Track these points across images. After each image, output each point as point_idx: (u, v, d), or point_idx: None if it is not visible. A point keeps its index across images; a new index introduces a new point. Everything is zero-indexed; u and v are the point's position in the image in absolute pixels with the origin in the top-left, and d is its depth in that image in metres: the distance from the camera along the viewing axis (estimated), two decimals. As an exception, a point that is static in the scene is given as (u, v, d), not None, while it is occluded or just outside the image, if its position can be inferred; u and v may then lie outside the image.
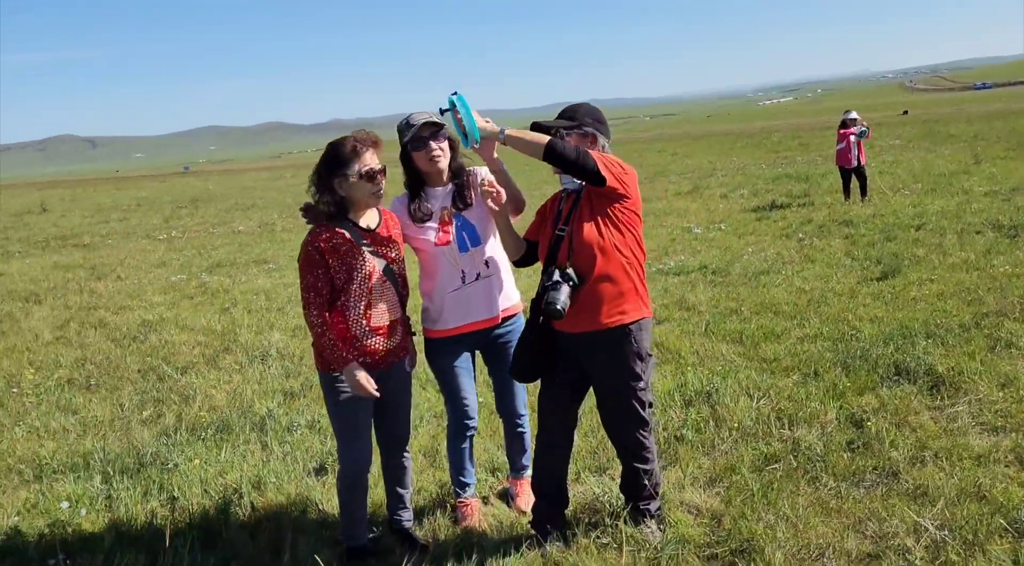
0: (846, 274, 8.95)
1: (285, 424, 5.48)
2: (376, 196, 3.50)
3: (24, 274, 14.04)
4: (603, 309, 3.43)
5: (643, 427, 3.61)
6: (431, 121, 3.63)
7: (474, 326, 3.85)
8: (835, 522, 3.69)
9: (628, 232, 3.49)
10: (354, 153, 3.40)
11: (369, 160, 3.43)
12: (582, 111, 3.62)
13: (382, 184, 3.49)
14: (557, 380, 3.68)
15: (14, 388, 6.88)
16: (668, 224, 14.52)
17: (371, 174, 3.43)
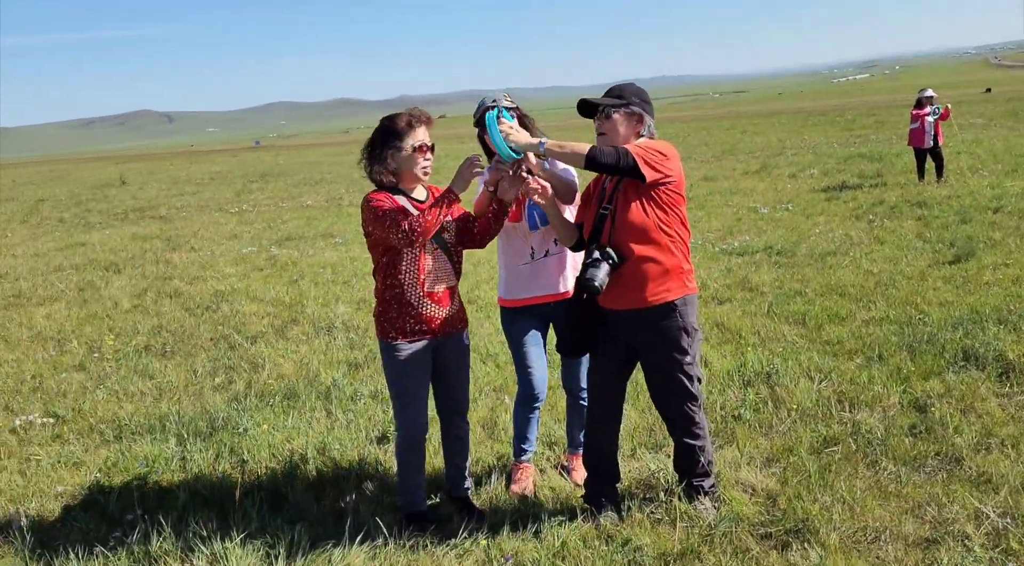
0: (917, 257, 8.73)
1: (349, 393, 5.65)
2: (424, 171, 3.63)
3: (104, 244, 14.60)
4: (648, 287, 3.47)
5: (692, 401, 3.64)
6: (505, 106, 3.72)
7: (541, 299, 3.97)
8: (893, 506, 3.67)
9: (671, 211, 3.51)
10: (408, 127, 3.54)
11: (422, 136, 3.57)
12: (629, 90, 3.63)
13: (431, 160, 3.63)
14: (604, 357, 3.73)
15: (95, 353, 7.21)
16: (734, 204, 14.31)
17: (423, 149, 3.56)
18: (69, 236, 16.38)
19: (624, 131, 3.58)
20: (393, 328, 3.64)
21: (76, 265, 12.35)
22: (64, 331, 8.09)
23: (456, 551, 3.54)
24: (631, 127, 3.59)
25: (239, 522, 3.82)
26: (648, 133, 3.64)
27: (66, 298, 9.82)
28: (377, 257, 3.67)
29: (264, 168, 39.94)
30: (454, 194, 3.51)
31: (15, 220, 20.66)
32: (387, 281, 3.64)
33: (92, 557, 3.63)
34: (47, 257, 13.47)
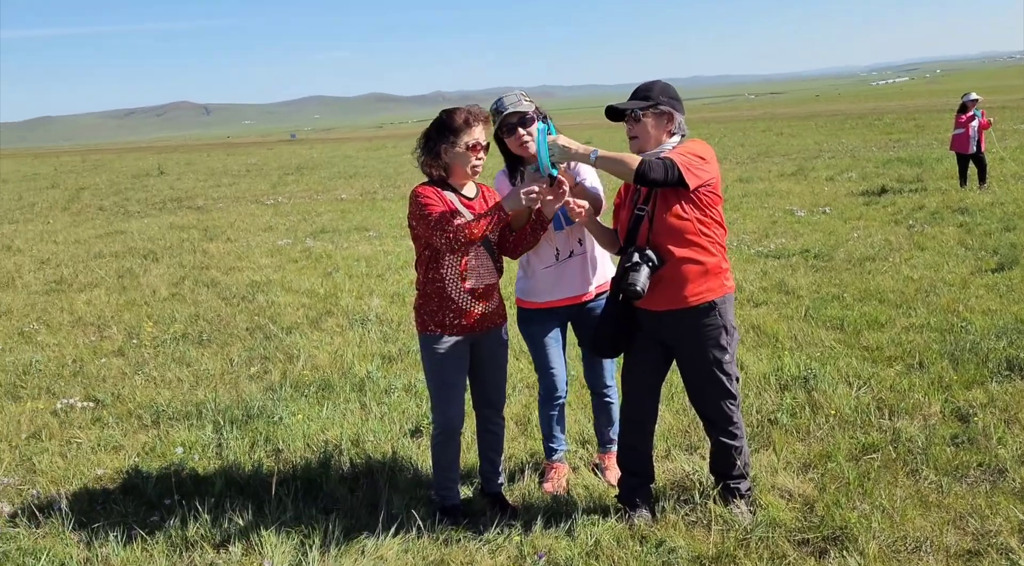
0: (959, 264, 8.58)
1: (383, 386, 5.67)
2: (475, 170, 3.63)
3: (143, 233, 14.82)
4: (688, 287, 3.47)
5: (730, 400, 3.63)
6: (518, 110, 3.70)
7: (565, 302, 3.94)
8: (934, 516, 3.60)
9: (709, 211, 3.50)
10: (466, 125, 3.52)
11: (477, 134, 3.56)
12: (657, 89, 3.59)
13: (483, 159, 3.62)
14: (640, 356, 3.72)
15: (134, 339, 7.32)
16: (769, 206, 14.17)
17: (476, 148, 3.54)
18: (109, 224, 16.64)
19: (655, 132, 3.56)
20: (433, 321, 3.65)
21: (115, 253, 12.55)
22: (104, 317, 8.22)
23: (489, 547, 3.54)
24: (662, 127, 3.57)
25: (274, 510, 3.85)
26: (679, 131, 3.61)
27: (106, 285, 9.98)
28: (420, 250, 3.69)
29: (299, 161, 40.29)
30: (504, 212, 3.48)
31: (57, 207, 21.03)
32: (429, 274, 3.65)
33: (131, 540, 3.68)
34: (88, 244, 13.70)
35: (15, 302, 9.09)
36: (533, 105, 3.77)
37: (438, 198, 3.56)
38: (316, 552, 3.48)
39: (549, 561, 3.40)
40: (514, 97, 3.75)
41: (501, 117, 3.72)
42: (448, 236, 3.43)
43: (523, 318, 4.04)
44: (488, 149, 3.64)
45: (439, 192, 3.59)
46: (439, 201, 3.55)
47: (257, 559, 3.48)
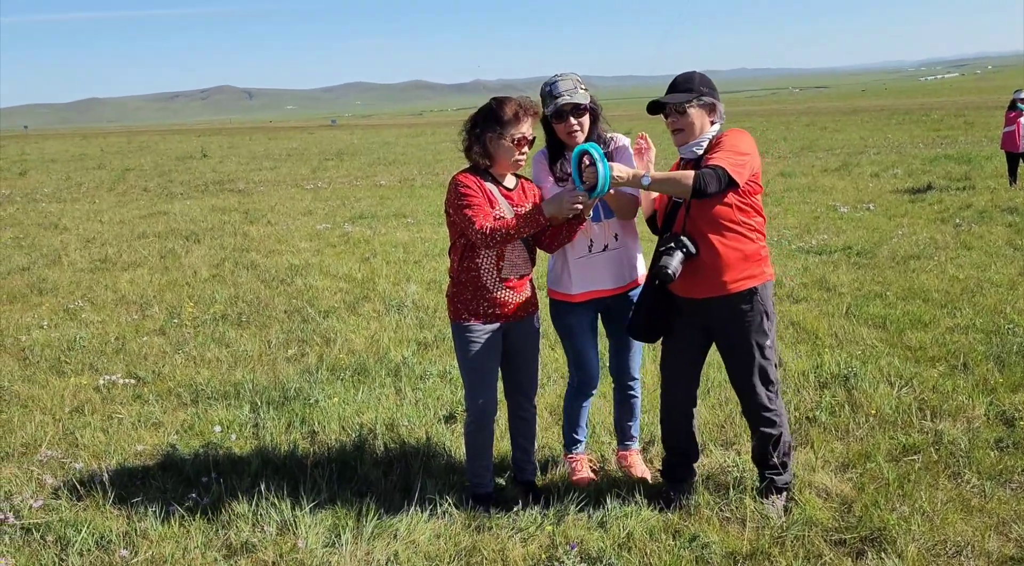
0: (1006, 264, 8.39)
1: (418, 372, 5.70)
2: (518, 164, 3.61)
3: (185, 214, 15.03)
4: (728, 274, 3.49)
5: (770, 386, 3.65)
6: (574, 102, 3.65)
7: (596, 294, 3.90)
8: (976, 521, 3.53)
9: (749, 198, 3.52)
10: (516, 118, 3.50)
11: (525, 128, 3.54)
12: (696, 80, 3.60)
13: (527, 153, 3.60)
14: (680, 343, 3.75)
15: (175, 318, 7.43)
16: (812, 201, 13.97)
17: (522, 142, 3.53)
18: (152, 205, 16.91)
19: (700, 123, 3.57)
20: (467, 310, 3.65)
21: (158, 233, 12.75)
22: (146, 296, 8.36)
23: (521, 535, 3.54)
24: (706, 118, 3.59)
25: (309, 491, 3.89)
26: (720, 119, 3.64)
27: (149, 264, 10.15)
28: (455, 237, 3.68)
29: (339, 146, 40.57)
30: (544, 217, 3.46)
31: (103, 188, 21.42)
32: (463, 263, 3.64)
33: (169, 516, 3.74)
34: (132, 224, 13.94)
35: (61, 279, 9.28)
36: (588, 94, 3.72)
37: (479, 188, 3.55)
38: (349, 534, 3.50)
39: (581, 552, 3.39)
40: (570, 83, 3.68)
41: (555, 102, 3.66)
42: (484, 232, 3.43)
43: (556, 311, 4.00)
44: (533, 143, 3.61)
45: (480, 182, 3.57)
46: (479, 191, 3.54)
47: (291, 539, 3.51)
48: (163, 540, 3.54)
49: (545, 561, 3.36)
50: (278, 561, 3.38)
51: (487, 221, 3.46)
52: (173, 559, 3.39)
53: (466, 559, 3.40)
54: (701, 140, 3.57)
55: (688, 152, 3.60)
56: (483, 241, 3.46)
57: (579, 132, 3.72)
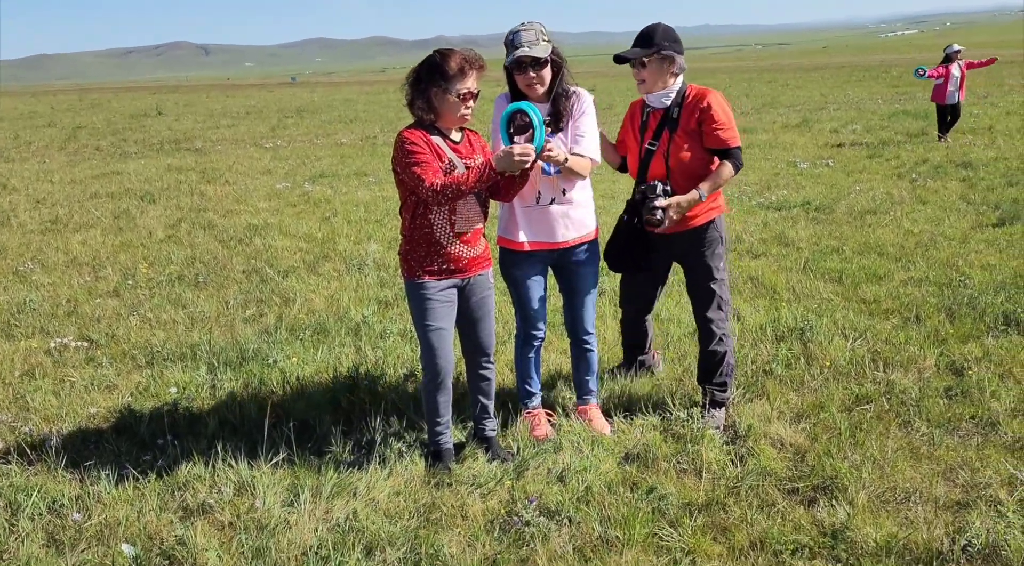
0: (960, 218, 8.53)
1: (379, 331, 5.66)
2: (463, 119, 3.55)
3: (140, 174, 14.69)
4: (697, 211, 3.98)
5: (723, 306, 4.17)
6: (532, 55, 3.61)
7: (544, 246, 3.89)
8: (924, 468, 3.62)
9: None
10: (461, 73, 3.43)
11: (471, 83, 3.47)
12: (659, 33, 3.87)
13: (472, 109, 3.55)
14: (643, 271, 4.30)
15: (129, 280, 7.29)
16: (773, 157, 14.05)
17: (468, 97, 3.47)
18: (105, 164, 16.48)
19: (660, 75, 3.92)
20: (420, 267, 3.61)
21: (112, 193, 12.45)
22: (99, 258, 8.18)
23: (481, 491, 3.56)
24: (665, 70, 3.92)
25: (267, 452, 3.86)
26: (680, 70, 3.97)
27: (102, 225, 9.92)
28: (405, 195, 3.62)
29: (299, 104, 39.83)
30: (494, 172, 3.42)
31: (53, 146, 20.82)
32: (416, 220, 3.59)
33: (123, 479, 3.69)
34: (84, 184, 13.59)
35: (10, 241, 9.04)
36: (551, 46, 3.67)
37: (425, 144, 3.48)
38: (308, 493, 3.48)
39: (540, 506, 3.42)
40: (532, 34, 3.64)
41: (514, 53, 3.63)
42: (433, 188, 3.39)
43: (505, 261, 4.00)
44: (478, 97, 3.55)
45: (427, 136, 3.51)
46: (426, 147, 3.47)
47: (249, 499, 3.49)
48: (117, 503, 3.50)
49: (504, 516, 3.38)
50: (236, 522, 3.36)
51: (437, 178, 3.41)
52: (128, 522, 3.35)
53: (426, 515, 3.41)
54: (669, 91, 3.96)
55: (656, 101, 3.99)
56: (434, 198, 3.41)
57: (538, 85, 3.68)
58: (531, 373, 4.17)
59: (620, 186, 11.74)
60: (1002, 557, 2.96)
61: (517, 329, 4.16)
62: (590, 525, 3.28)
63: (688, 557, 3.06)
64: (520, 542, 3.20)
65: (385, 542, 3.18)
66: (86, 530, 3.32)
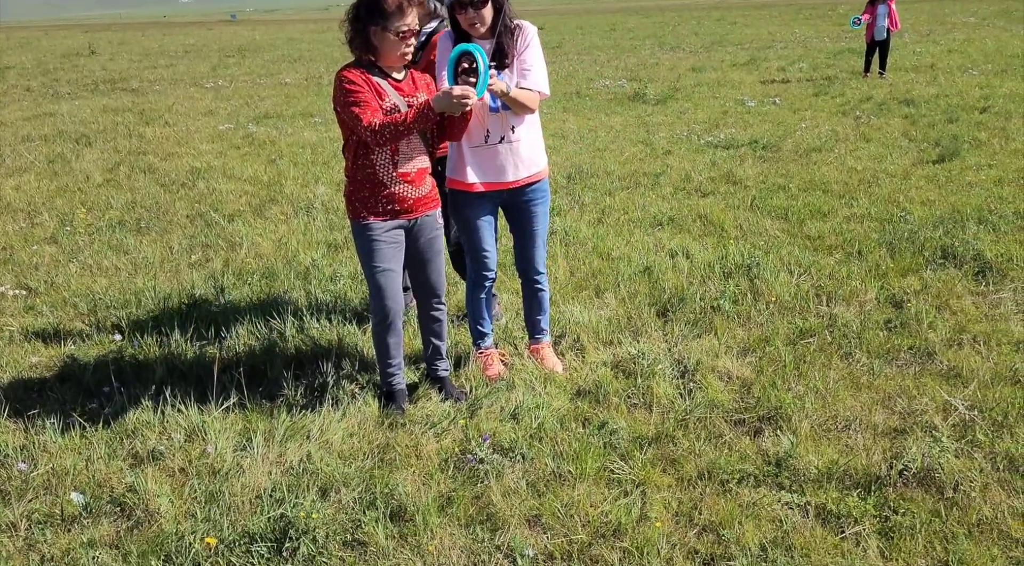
0: (901, 155, 8.69)
1: (328, 274, 5.60)
2: (404, 57, 3.48)
3: (74, 116, 14.14)
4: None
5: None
6: None
7: (492, 186, 3.86)
8: (864, 397, 3.74)
9: None
10: (399, 11, 3.35)
11: (411, 20, 3.40)
12: None
13: (412, 47, 3.48)
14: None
15: (67, 226, 7.07)
16: (721, 96, 14.08)
17: (407, 35, 3.40)
18: (37, 106, 15.82)
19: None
20: (365, 208, 3.56)
21: (45, 136, 11.97)
22: (35, 203, 7.90)
23: (435, 431, 3.58)
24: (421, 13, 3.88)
25: (217, 397, 3.82)
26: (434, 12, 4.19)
27: (36, 170, 9.56)
28: (347, 135, 3.55)
29: (241, 43, 38.58)
30: (433, 113, 3.36)
31: (-21, 88, 19.90)
32: (358, 161, 3.53)
33: (69, 427, 3.63)
34: (14, 126, 13.04)
35: (-61, 187, 8.68)
36: None
37: (365, 83, 3.41)
38: (260, 438, 3.48)
39: (494, 444, 3.46)
40: None
41: None
42: (373, 129, 3.33)
43: (454, 201, 3.97)
44: (418, 35, 3.47)
45: (367, 76, 3.43)
46: (365, 86, 3.40)
47: (200, 445, 3.47)
48: (64, 452, 3.45)
49: (459, 454, 3.42)
50: (187, 467, 3.34)
51: (375, 117, 3.35)
52: (76, 470, 3.31)
53: (380, 456, 3.43)
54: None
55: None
56: (373, 138, 3.36)
57: (479, 24, 3.61)
58: (483, 314, 4.18)
59: (569, 125, 11.68)
60: (936, 479, 3.09)
61: (468, 270, 4.14)
62: (543, 461, 3.33)
63: (638, 488, 3.14)
64: (475, 479, 3.24)
65: (340, 483, 3.19)
66: (33, 479, 3.27)
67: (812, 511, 2.98)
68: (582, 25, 43.03)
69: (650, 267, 5.47)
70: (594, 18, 52.40)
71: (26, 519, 3.04)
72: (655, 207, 7.11)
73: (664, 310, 4.82)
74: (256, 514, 3.01)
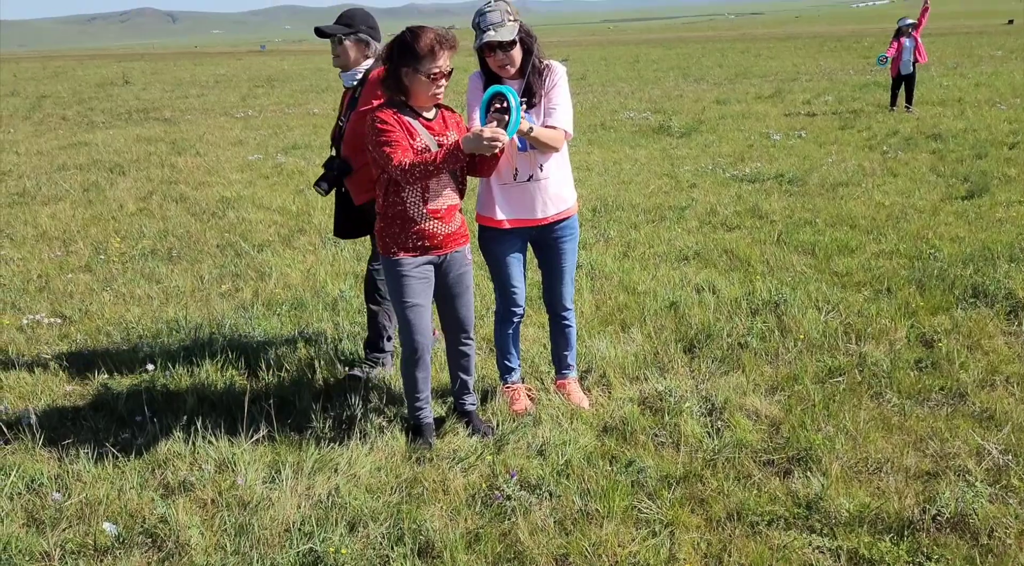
0: (930, 190, 8.64)
1: (356, 306, 5.65)
2: (435, 98, 3.55)
3: (108, 145, 14.42)
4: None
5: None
6: (500, 40, 3.57)
7: (521, 223, 3.90)
8: (896, 438, 3.70)
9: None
10: (432, 54, 3.41)
11: (443, 63, 3.45)
12: (358, 18, 4.30)
13: (444, 88, 3.54)
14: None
15: (101, 255, 7.20)
16: (746, 129, 14.09)
17: (439, 76, 3.46)
18: (72, 135, 16.16)
19: (355, 55, 4.31)
20: (395, 243, 3.61)
21: (80, 165, 12.23)
22: (69, 232, 8.06)
23: (462, 466, 3.59)
24: (360, 51, 4.32)
25: (247, 428, 3.86)
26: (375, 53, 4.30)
27: (71, 198, 9.76)
28: (378, 173, 3.61)
29: (270, 73, 39.21)
30: (463, 153, 3.40)
31: (18, 116, 20.36)
32: (389, 197, 3.58)
33: (102, 456, 3.68)
34: (51, 156, 13.33)
35: (-24, 215, 8.87)
36: (517, 24, 3.63)
37: (396, 123, 3.47)
38: (289, 470, 3.50)
39: (521, 480, 3.46)
40: (497, 15, 3.58)
41: (481, 38, 3.59)
42: (404, 169, 3.39)
43: (483, 236, 4.00)
44: (451, 75, 3.53)
45: (398, 116, 3.49)
46: (397, 126, 3.46)
47: (230, 476, 3.50)
48: (97, 481, 3.49)
49: (486, 490, 3.42)
50: (217, 499, 3.37)
51: (406, 157, 3.40)
52: (108, 500, 3.35)
53: (408, 490, 3.44)
54: (355, 72, 4.32)
55: (348, 80, 4.36)
56: (403, 177, 3.42)
57: (508, 66, 3.67)
58: (510, 349, 4.20)
59: (594, 158, 11.74)
60: (970, 525, 3.05)
61: (496, 305, 4.17)
62: (570, 498, 3.32)
63: (667, 529, 3.12)
64: (502, 516, 3.24)
65: (368, 517, 3.20)
66: (66, 509, 3.31)
67: (844, 556, 2.95)
68: (606, 56, 43.31)
69: (676, 302, 5.47)
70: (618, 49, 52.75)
71: (59, 549, 3.07)
72: (681, 241, 7.12)
73: (691, 346, 4.82)
74: (285, 548, 3.03)
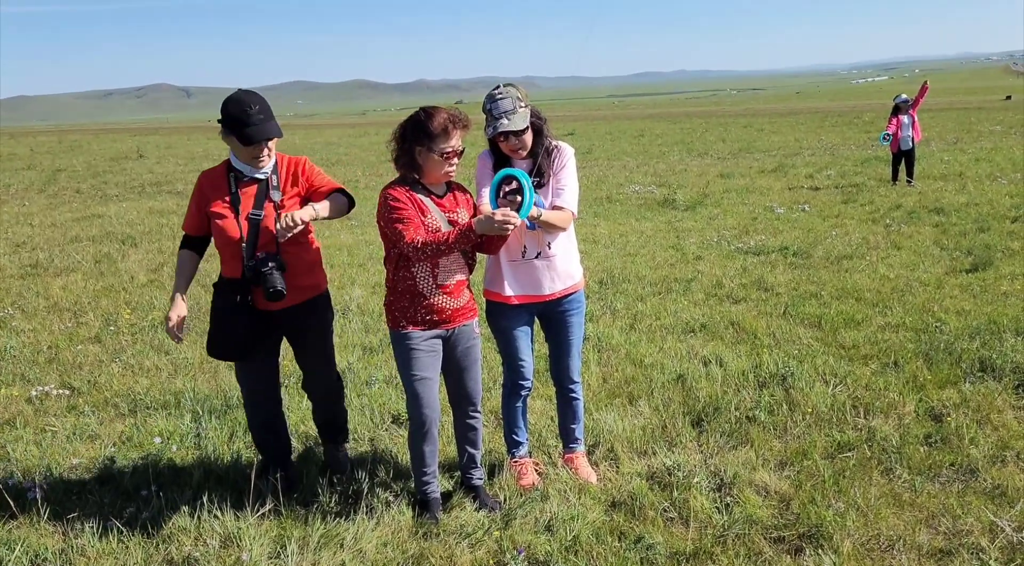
0: (934, 264, 8.70)
1: (364, 378, 5.66)
2: (447, 175, 3.63)
3: (121, 217, 14.65)
4: (309, 281, 3.93)
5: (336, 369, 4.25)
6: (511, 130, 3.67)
7: (529, 299, 3.95)
8: (907, 515, 3.66)
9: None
10: (445, 133, 3.49)
11: (455, 142, 3.53)
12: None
13: (456, 166, 3.62)
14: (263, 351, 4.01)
15: (111, 326, 7.25)
16: (750, 202, 14.27)
17: (451, 155, 3.54)
18: (86, 207, 16.44)
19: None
20: (404, 317, 3.65)
21: (93, 237, 12.40)
22: (80, 303, 8.13)
23: (469, 541, 3.55)
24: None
25: (253, 502, 3.83)
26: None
27: (83, 270, 9.87)
28: (389, 248, 3.67)
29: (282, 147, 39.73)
30: (474, 234, 3.47)
31: (33, 189, 20.74)
32: (399, 272, 3.64)
33: (107, 531, 3.65)
34: (64, 228, 13.53)
35: (-11, 286, 8.97)
36: (528, 111, 3.72)
37: (409, 200, 3.55)
38: (295, 545, 3.47)
39: (529, 557, 3.42)
40: (509, 102, 3.66)
41: (493, 126, 3.67)
42: (415, 246, 3.46)
43: (492, 311, 4.04)
44: (462, 155, 3.62)
45: (411, 194, 3.57)
46: (409, 204, 3.54)
47: (235, 552, 3.47)
48: (101, 557, 3.46)
49: (493, 566, 3.38)
50: (222, 574, 3.33)
51: (418, 235, 3.47)
52: (113, 576, 3.32)
53: (414, 566, 3.40)
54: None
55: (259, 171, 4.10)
56: (415, 254, 3.48)
57: (521, 150, 3.76)
58: (518, 423, 4.20)
59: (600, 230, 11.87)
60: (985, 605, 3.00)
61: (504, 379, 4.18)
62: (579, 576, 3.28)
63: (677, 608, 3.07)
64: (509, 594, 3.19)
65: (374, 595, 3.16)
66: (70, 585, 3.28)
67: (858, 636, 2.89)
68: (611, 131, 44.12)
69: (683, 375, 5.48)
70: (623, 124, 53.76)
71: (61, 626, 3.03)
72: (687, 313, 7.15)
73: (699, 419, 4.80)
74: (290, 626, 2.98)
